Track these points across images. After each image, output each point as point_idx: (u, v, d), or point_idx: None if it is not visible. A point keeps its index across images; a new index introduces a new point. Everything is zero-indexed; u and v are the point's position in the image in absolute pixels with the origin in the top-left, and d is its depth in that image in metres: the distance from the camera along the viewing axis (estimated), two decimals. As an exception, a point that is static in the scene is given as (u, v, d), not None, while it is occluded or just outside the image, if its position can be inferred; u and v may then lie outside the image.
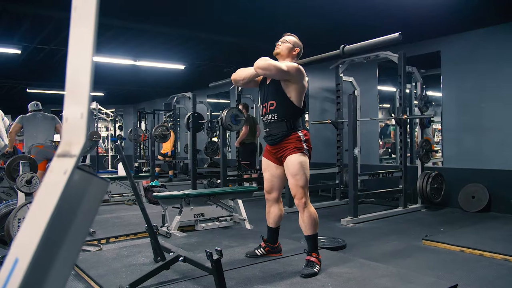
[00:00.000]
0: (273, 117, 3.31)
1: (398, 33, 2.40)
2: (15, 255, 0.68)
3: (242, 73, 3.46)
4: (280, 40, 3.49)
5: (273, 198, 3.57)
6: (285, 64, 3.19)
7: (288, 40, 3.44)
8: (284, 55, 3.42)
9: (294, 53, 3.43)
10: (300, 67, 3.25)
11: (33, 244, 0.67)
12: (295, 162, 3.23)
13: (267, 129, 3.40)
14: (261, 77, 3.48)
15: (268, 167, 3.51)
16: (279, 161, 3.40)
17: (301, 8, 5.64)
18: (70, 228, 0.71)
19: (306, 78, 3.34)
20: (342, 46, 2.70)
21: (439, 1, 5.29)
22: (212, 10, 5.89)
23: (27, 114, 6.55)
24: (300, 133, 3.30)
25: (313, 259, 3.21)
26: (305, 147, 3.29)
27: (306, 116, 9.56)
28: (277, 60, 3.41)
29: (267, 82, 3.41)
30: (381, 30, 6.51)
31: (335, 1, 5.36)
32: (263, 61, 3.17)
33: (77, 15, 0.77)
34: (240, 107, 8.05)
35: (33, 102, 6.71)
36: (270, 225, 3.64)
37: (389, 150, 9.28)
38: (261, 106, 3.49)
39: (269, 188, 3.56)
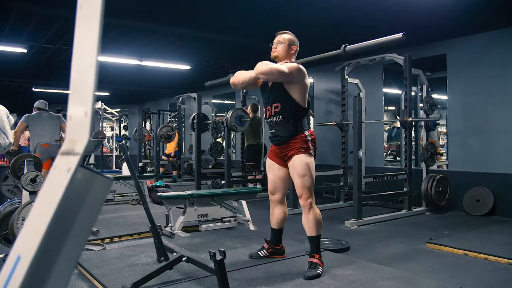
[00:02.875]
0: (278, 118, 3.29)
1: (401, 34, 2.36)
2: (18, 252, 0.68)
3: (241, 77, 3.40)
4: (274, 41, 3.40)
5: (277, 199, 3.56)
6: (286, 66, 3.15)
7: (282, 40, 3.36)
8: (282, 57, 3.35)
9: (292, 52, 3.37)
10: (301, 66, 3.21)
11: (35, 241, 0.67)
12: (302, 162, 3.22)
13: (273, 130, 3.37)
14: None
15: (271, 168, 3.50)
16: (284, 161, 3.38)
17: (306, 9, 5.64)
18: (73, 226, 0.71)
19: (308, 77, 3.31)
20: (343, 45, 2.67)
21: (446, 4, 5.27)
22: (217, 11, 5.89)
23: (33, 113, 6.57)
24: (306, 133, 3.30)
25: (315, 260, 3.20)
26: (311, 147, 3.28)
27: (311, 118, 9.55)
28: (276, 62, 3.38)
29: (269, 85, 3.37)
30: (387, 32, 6.53)
31: (340, 2, 5.36)
32: (264, 66, 3.11)
33: (83, 14, 0.77)
34: (248, 109, 8.06)
35: (41, 101, 6.70)
36: (273, 226, 3.63)
37: (394, 152, 9.26)
38: (264, 108, 3.47)
39: (272, 189, 3.55)
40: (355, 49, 2.90)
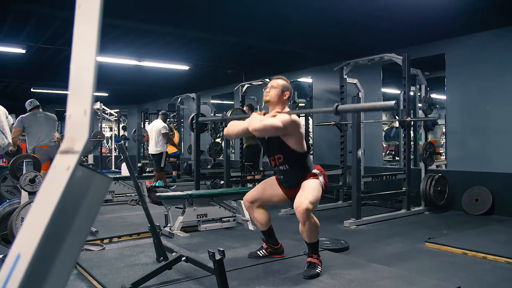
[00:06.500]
0: (284, 167, 3.31)
1: (393, 102, 2.39)
2: (17, 250, 0.68)
3: (234, 129, 3.39)
4: (268, 85, 3.39)
5: (255, 205, 3.56)
6: (279, 119, 3.08)
7: (276, 86, 3.33)
8: (274, 102, 3.32)
9: (284, 98, 3.33)
10: (294, 118, 3.17)
11: (35, 240, 0.67)
12: (312, 182, 3.22)
13: (282, 176, 3.39)
14: None
15: (273, 187, 3.49)
16: (290, 195, 3.38)
17: (304, 9, 5.64)
18: (72, 224, 0.71)
19: (302, 125, 3.29)
20: (336, 104, 2.68)
21: (444, 4, 5.28)
22: (216, 11, 5.89)
23: (26, 114, 6.45)
24: (315, 171, 3.31)
25: (314, 260, 3.20)
26: (321, 180, 3.28)
27: (310, 118, 9.55)
28: (268, 105, 3.39)
29: (266, 137, 3.35)
30: (385, 31, 6.58)
31: (339, 2, 5.36)
32: (258, 123, 3.06)
33: (81, 13, 0.78)
34: (245, 108, 8.06)
35: (29, 101, 6.60)
36: (261, 229, 3.62)
37: (393, 152, 9.26)
38: (268, 159, 3.45)
39: (255, 198, 3.54)
40: (346, 109, 2.92)
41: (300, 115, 8.75)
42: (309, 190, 3.15)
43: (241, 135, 3.44)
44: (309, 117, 9.36)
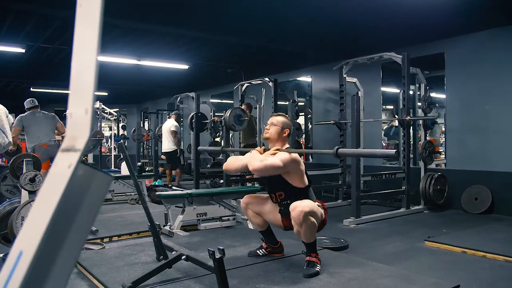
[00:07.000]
0: (287, 203, 3.29)
1: (394, 151, 2.43)
2: (19, 248, 0.69)
3: (233, 165, 3.39)
4: (268, 122, 3.41)
5: (250, 209, 3.56)
6: (279, 158, 3.09)
7: (276, 123, 3.34)
8: (274, 140, 3.34)
9: (284, 135, 3.35)
10: (294, 156, 3.16)
11: (37, 237, 0.67)
12: (312, 203, 3.18)
13: (282, 208, 3.37)
14: None
15: (274, 206, 3.46)
16: (286, 224, 3.35)
17: (304, 9, 5.64)
18: (74, 222, 0.71)
19: (302, 162, 3.27)
20: (336, 147, 2.70)
21: (444, 3, 5.28)
22: (216, 11, 5.89)
23: (25, 114, 6.47)
24: (315, 203, 3.28)
25: (313, 259, 3.20)
26: (321, 210, 3.25)
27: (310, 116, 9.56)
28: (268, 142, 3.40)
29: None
30: (385, 31, 6.58)
31: (339, 2, 5.36)
32: (258, 163, 3.06)
33: (82, 12, 0.78)
34: (243, 107, 8.05)
35: (28, 99, 6.62)
36: (259, 229, 3.64)
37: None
38: (269, 195, 3.46)
39: (252, 202, 3.54)
40: (346, 154, 2.94)
41: (300, 114, 8.85)
42: (306, 201, 3.13)
43: (240, 171, 3.45)
44: (309, 116, 9.38)
